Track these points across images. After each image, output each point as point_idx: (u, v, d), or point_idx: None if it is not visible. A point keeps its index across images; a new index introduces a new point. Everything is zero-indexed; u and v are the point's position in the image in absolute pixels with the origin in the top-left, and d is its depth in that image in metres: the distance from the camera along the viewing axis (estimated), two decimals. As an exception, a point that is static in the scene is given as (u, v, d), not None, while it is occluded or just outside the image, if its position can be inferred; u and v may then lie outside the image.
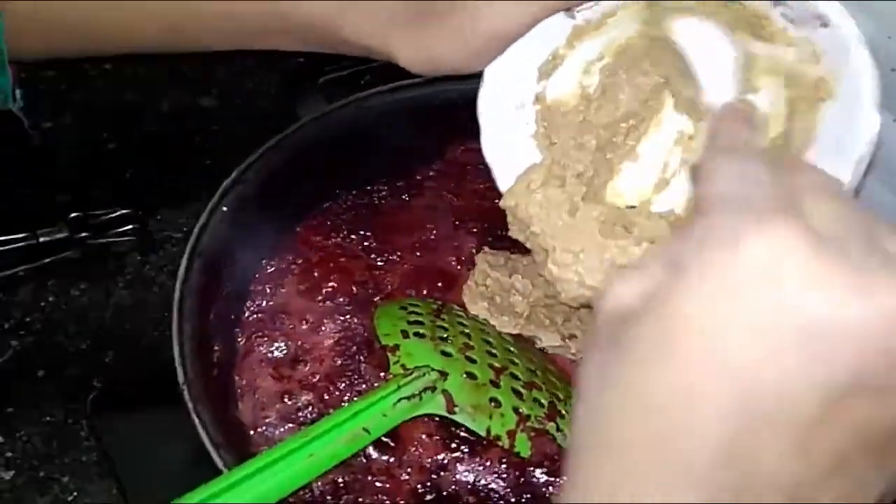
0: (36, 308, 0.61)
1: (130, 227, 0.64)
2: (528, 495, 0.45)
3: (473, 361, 0.45)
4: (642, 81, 0.39)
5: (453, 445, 0.46)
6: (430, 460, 0.45)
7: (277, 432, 0.46)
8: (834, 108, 0.36)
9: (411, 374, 0.43)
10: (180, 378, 0.41)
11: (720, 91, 0.38)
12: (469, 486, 0.45)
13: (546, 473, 0.44)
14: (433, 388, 0.43)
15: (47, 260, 0.62)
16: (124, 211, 0.64)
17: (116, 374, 0.59)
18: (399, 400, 0.42)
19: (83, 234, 0.63)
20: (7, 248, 0.62)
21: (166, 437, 0.53)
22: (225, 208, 0.47)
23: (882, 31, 0.50)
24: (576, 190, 0.41)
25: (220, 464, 0.39)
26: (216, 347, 0.46)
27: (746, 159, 0.27)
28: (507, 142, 0.42)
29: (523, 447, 0.43)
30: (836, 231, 0.24)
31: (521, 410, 0.44)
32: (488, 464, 0.45)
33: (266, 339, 0.49)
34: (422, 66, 0.40)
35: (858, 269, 0.23)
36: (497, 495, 0.45)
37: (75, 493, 0.54)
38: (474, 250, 0.52)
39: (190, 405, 0.41)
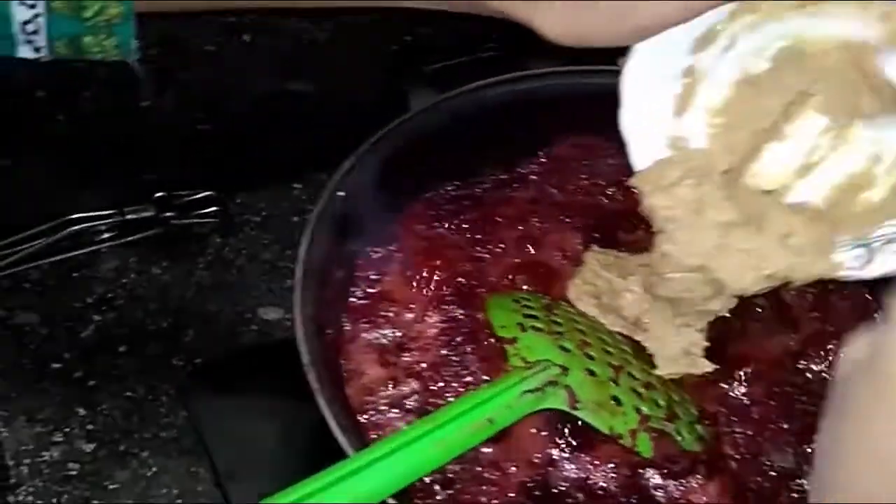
0: (118, 284, 0.61)
1: (213, 209, 0.64)
2: (637, 496, 0.44)
3: (591, 358, 0.44)
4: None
5: (561, 442, 0.45)
6: (538, 455, 0.45)
7: (383, 418, 0.46)
8: None
9: (533, 367, 0.43)
10: (304, 359, 0.41)
11: None
12: (578, 483, 0.45)
13: (660, 475, 0.44)
14: (555, 383, 0.43)
15: (131, 238, 0.62)
16: (207, 193, 0.64)
17: (196, 353, 0.59)
18: (523, 392, 0.41)
19: (167, 214, 0.63)
20: (94, 223, 0.62)
21: (255, 418, 0.54)
22: (341, 193, 0.47)
23: None
24: (709, 191, 0.40)
25: (346, 447, 0.39)
26: (328, 331, 0.46)
27: None
28: (648, 116, 0.41)
29: (645, 447, 0.43)
30: None
31: (641, 409, 0.43)
32: (597, 462, 0.45)
33: (372, 325, 0.49)
34: (566, 39, 0.39)
35: None
36: (606, 493, 0.44)
37: (154, 469, 0.54)
38: (580, 246, 0.52)
39: (314, 386, 0.40)
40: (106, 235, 0.62)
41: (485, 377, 0.46)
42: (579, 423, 0.44)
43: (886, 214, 0.39)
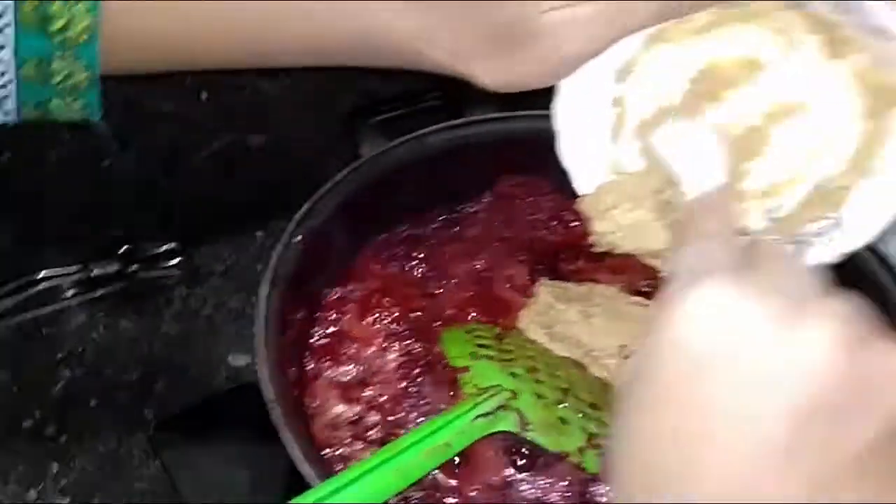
0: (87, 339, 0.63)
1: (177, 260, 0.66)
2: (589, 510, 0.47)
3: (540, 382, 0.47)
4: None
5: (518, 464, 0.48)
6: (496, 478, 0.48)
7: (348, 451, 0.48)
8: None
9: (485, 393, 0.45)
10: (268, 397, 0.43)
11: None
12: (535, 503, 0.47)
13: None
14: (506, 407, 0.45)
15: (98, 293, 0.64)
16: (171, 245, 0.66)
17: (167, 403, 0.60)
18: (476, 417, 0.44)
19: (133, 268, 0.65)
20: (60, 280, 0.64)
21: (227, 464, 0.55)
22: (299, 237, 0.49)
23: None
24: (644, 214, 0.43)
25: (312, 480, 0.41)
26: (291, 371, 0.48)
27: (710, 241, 0.31)
28: (584, 144, 0.44)
29: (592, 464, 0.45)
30: (778, 285, 0.29)
31: (588, 428, 0.46)
32: (552, 480, 0.47)
33: (333, 362, 0.51)
34: (500, 86, 0.42)
35: (786, 311, 0.27)
36: (561, 510, 0.47)
37: (130, 520, 0.55)
38: (527, 277, 0.55)
39: (279, 424, 0.42)
40: (72, 292, 0.64)
41: (442, 405, 0.49)
42: (534, 444, 0.46)
43: (810, 215, 0.42)
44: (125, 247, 0.65)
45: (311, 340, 0.52)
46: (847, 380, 0.27)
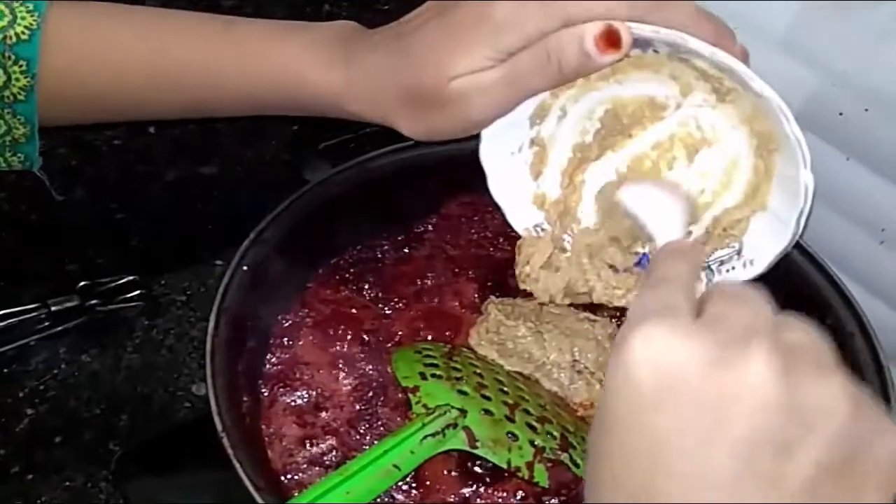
0: (49, 376, 0.63)
1: (137, 292, 0.67)
2: (544, 523, 0.48)
3: (488, 399, 0.48)
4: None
5: (472, 480, 0.49)
6: (453, 495, 0.48)
7: (306, 476, 0.49)
8: (781, 162, 0.42)
9: (434, 412, 0.46)
10: (219, 426, 0.44)
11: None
12: (490, 517, 0.48)
13: (559, 501, 0.47)
14: (455, 426, 0.46)
15: (59, 328, 0.65)
16: (130, 278, 0.67)
17: (132, 436, 0.61)
18: (425, 437, 0.45)
19: (93, 302, 0.66)
20: (20, 318, 0.64)
21: (190, 494, 0.56)
22: (245, 267, 0.50)
23: (826, 80, 0.56)
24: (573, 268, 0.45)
25: (263, 506, 0.42)
26: (245, 399, 0.49)
27: (667, 286, 0.32)
28: (510, 183, 0.46)
29: (541, 477, 0.46)
30: (727, 324, 0.30)
31: (536, 443, 0.47)
32: (505, 495, 0.48)
33: (288, 388, 0.52)
34: (420, 137, 0.44)
35: (722, 343, 0.29)
36: (516, 524, 0.48)
37: (96, 556, 0.56)
38: (476, 295, 0.56)
39: (230, 451, 0.43)
40: (33, 329, 0.64)
41: (396, 427, 0.50)
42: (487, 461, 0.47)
43: (715, 244, 0.45)
44: (83, 282, 0.66)
45: (265, 368, 0.53)
46: (786, 411, 0.28)
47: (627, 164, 0.45)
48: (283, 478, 0.49)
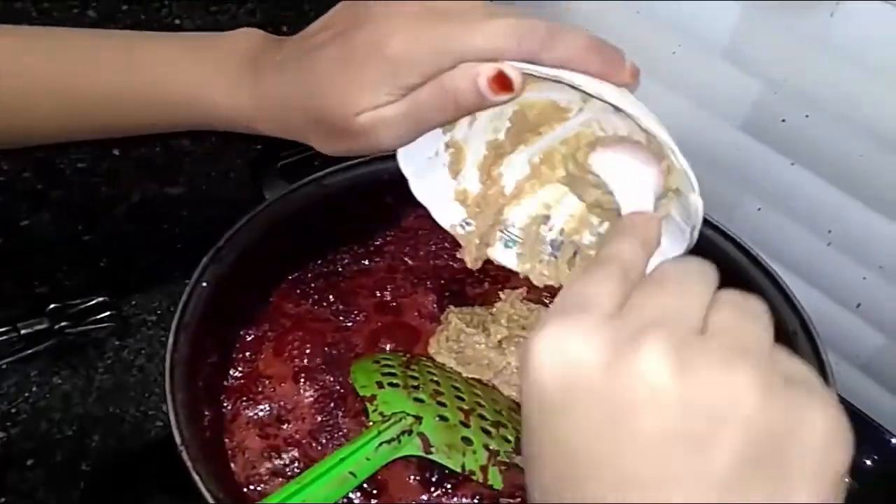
0: (21, 398, 0.64)
1: (107, 313, 0.68)
2: (502, 524, 0.49)
3: (444, 405, 0.49)
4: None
5: (432, 486, 0.50)
6: (414, 501, 0.49)
7: (269, 488, 0.50)
8: (677, 180, 0.43)
9: (389, 420, 0.47)
10: (177, 440, 0.45)
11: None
12: (449, 521, 0.49)
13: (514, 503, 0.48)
14: (410, 432, 0.47)
15: (29, 351, 0.66)
16: (100, 299, 0.68)
17: (103, 457, 0.62)
18: (380, 444, 0.46)
19: (63, 324, 0.67)
20: (-10, 342, 0.65)
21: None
22: (204, 284, 0.51)
23: (768, 88, 0.58)
24: None
25: (221, 517, 0.42)
26: (206, 413, 0.50)
27: (599, 271, 0.32)
28: (433, 183, 0.47)
29: (496, 480, 0.47)
30: (634, 314, 0.29)
31: (490, 447, 0.48)
32: (464, 499, 0.49)
33: (251, 402, 0.53)
34: (333, 154, 0.44)
35: (620, 340, 0.28)
36: (475, 526, 0.49)
37: (69, 579, 0.56)
38: (434, 305, 0.57)
39: (189, 464, 0.44)
40: (4, 352, 0.65)
41: (357, 436, 0.51)
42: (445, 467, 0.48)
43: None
44: (53, 304, 0.67)
45: (227, 382, 0.54)
46: (687, 406, 0.27)
47: (539, 157, 0.47)
48: (246, 489, 0.50)
